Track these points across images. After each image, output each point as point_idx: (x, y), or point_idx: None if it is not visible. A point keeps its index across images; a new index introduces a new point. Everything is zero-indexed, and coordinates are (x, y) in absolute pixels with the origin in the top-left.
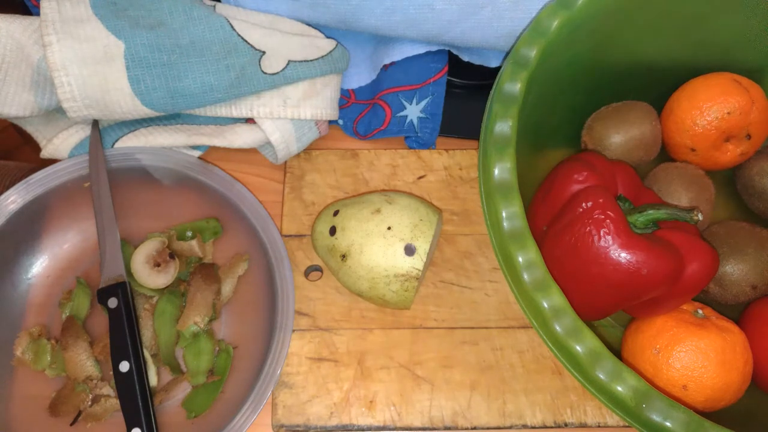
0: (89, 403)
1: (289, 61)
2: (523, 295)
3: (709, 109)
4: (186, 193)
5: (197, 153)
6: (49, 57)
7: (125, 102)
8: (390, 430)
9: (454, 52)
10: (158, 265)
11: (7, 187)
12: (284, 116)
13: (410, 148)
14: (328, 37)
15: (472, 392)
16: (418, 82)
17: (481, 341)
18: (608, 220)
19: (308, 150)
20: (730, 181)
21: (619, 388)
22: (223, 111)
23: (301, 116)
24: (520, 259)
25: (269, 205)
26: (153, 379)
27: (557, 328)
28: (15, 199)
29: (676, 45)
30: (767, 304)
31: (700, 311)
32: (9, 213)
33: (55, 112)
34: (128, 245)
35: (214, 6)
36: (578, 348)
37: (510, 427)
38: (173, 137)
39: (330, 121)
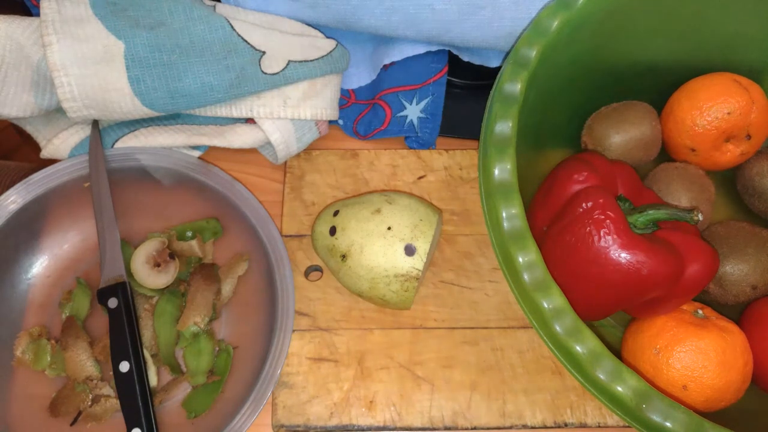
0: (89, 403)
1: (289, 62)
2: (523, 296)
3: (709, 109)
4: (186, 193)
5: (197, 153)
6: (49, 57)
7: (125, 102)
8: (390, 430)
9: (454, 52)
10: (158, 265)
11: (7, 187)
12: (284, 116)
13: (410, 148)
14: (328, 37)
15: (472, 392)
16: (418, 82)
17: (481, 341)
18: (608, 221)
19: (308, 150)
20: (730, 181)
21: (619, 389)
22: (223, 111)
23: (301, 116)
24: (520, 260)
25: (269, 205)
26: (153, 379)
27: (557, 328)
28: (15, 199)
29: (676, 45)
30: (767, 304)
31: (700, 311)
32: (9, 213)
33: (55, 112)
34: (128, 245)
35: (214, 6)
36: (578, 348)
37: (510, 427)
38: (173, 137)
39: (330, 121)
